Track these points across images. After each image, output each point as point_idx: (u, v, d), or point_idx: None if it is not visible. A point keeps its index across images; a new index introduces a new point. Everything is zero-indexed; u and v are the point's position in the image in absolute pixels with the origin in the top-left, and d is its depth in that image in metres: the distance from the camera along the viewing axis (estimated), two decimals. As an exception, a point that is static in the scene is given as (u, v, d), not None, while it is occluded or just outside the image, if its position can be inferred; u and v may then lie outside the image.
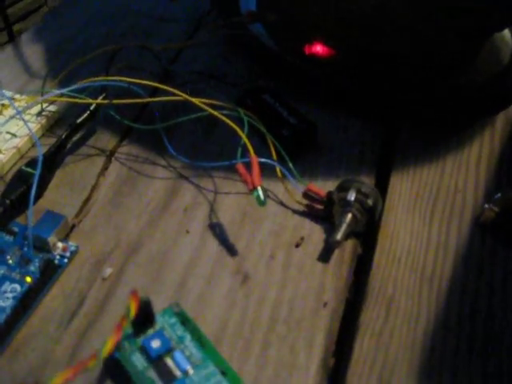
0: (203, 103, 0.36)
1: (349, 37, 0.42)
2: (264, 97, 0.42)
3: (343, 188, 0.34)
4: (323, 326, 0.29)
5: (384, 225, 0.35)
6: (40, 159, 0.33)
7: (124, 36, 0.51)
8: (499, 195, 0.35)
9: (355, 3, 0.38)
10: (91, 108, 0.38)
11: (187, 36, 0.51)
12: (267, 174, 0.36)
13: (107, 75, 0.39)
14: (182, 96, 0.36)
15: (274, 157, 0.36)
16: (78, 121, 0.37)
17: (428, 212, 0.36)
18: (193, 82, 0.44)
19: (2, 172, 0.36)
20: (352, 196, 0.33)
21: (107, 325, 0.29)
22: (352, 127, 0.42)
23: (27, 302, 0.29)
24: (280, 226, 0.34)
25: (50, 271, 0.31)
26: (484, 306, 0.31)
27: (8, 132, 0.38)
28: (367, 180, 0.37)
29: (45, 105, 0.40)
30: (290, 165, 0.36)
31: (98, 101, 0.38)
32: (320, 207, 0.35)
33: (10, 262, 0.31)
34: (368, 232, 0.34)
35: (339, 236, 0.32)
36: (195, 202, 0.36)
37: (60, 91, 0.38)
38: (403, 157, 0.40)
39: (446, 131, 0.42)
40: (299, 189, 0.35)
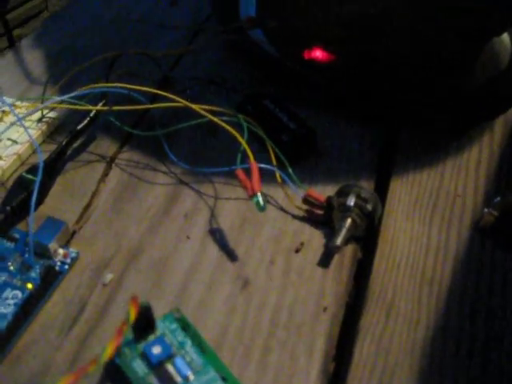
0: (203, 109, 0.36)
1: (349, 41, 0.42)
2: (264, 102, 0.42)
3: (343, 193, 0.34)
4: (323, 331, 0.30)
5: (384, 229, 0.35)
6: (41, 166, 0.33)
7: (124, 42, 0.51)
8: (498, 199, 0.35)
9: (355, 7, 0.39)
10: (91, 114, 0.38)
11: (187, 42, 0.52)
12: (267, 180, 0.36)
13: (107, 82, 0.39)
14: (182, 102, 0.37)
15: (274, 162, 0.36)
16: (79, 127, 0.38)
17: (427, 216, 0.36)
18: (193, 88, 0.44)
19: (3, 178, 0.37)
20: (351, 201, 0.33)
21: (108, 331, 0.29)
22: (351, 132, 0.42)
23: (28, 309, 0.29)
24: (280, 232, 0.35)
25: (51, 278, 0.31)
26: (484, 311, 0.31)
27: (9, 139, 0.38)
28: (367, 185, 0.37)
29: (45, 111, 0.40)
30: (290, 170, 0.36)
31: (98, 107, 0.38)
32: (320, 212, 0.35)
33: (11, 269, 0.31)
34: (368, 237, 0.34)
35: (339, 241, 0.32)
36: (195, 208, 0.36)
37: (60, 98, 0.38)
38: (402, 161, 0.40)
39: (446, 136, 0.42)
40: (299, 194, 0.35)
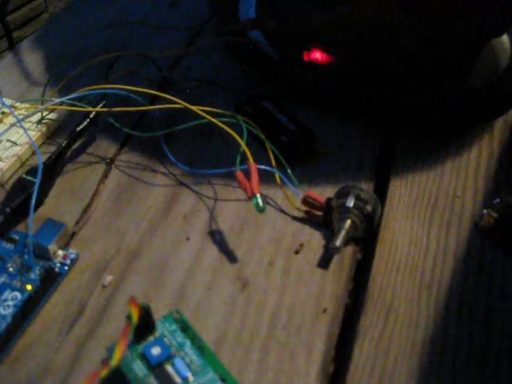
0: (202, 111, 0.36)
1: (347, 43, 0.42)
2: (263, 104, 0.42)
3: (342, 194, 0.34)
4: (323, 332, 0.30)
5: (383, 231, 0.35)
6: (40, 167, 0.33)
7: (124, 44, 0.51)
8: (498, 200, 0.35)
9: (354, 10, 0.39)
10: (91, 116, 0.38)
11: (186, 44, 0.52)
12: (266, 181, 0.36)
13: (107, 83, 0.39)
14: (181, 104, 0.37)
15: (273, 163, 0.36)
16: (78, 129, 0.38)
17: (427, 217, 0.36)
18: (192, 90, 0.44)
19: (3, 180, 0.37)
20: (351, 202, 0.33)
21: (108, 332, 0.29)
22: (351, 133, 0.42)
23: (28, 310, 0.29)
24: (279, 233, 0.35)
25: (51, 279, 0.31)
26: (483, 312, 0.31)
27: (8, 140, 0.38)
28: (366, 186, 0.37)
29: (45, 113, 0.40)
30: (289, 171, 0.36)
31: (98, 109, 0.38)
32: (319, 214, 0.35)
33: (11, 270, 0.31)
34: (367, 238, 0.34)
35: (338, 242, 0.32)
36: (195, 209, 0.36)
37: (60, 99, 0.38)
38: (402, 163, 0.40)
39: (445, 137, 0.42)
40: (298, 195, 0.35)
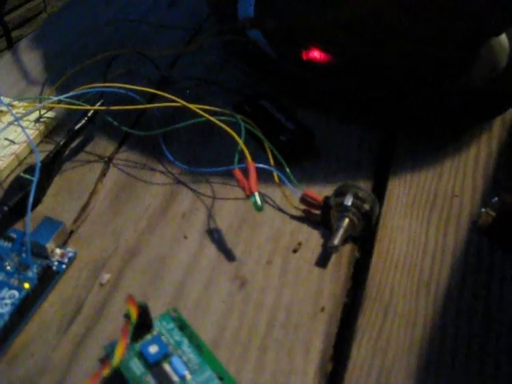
0: (201, 109, 0.36)
1: (346, 43, 0.42)
2: (262, 103, 0.42)
3: (340, 193, 0.34)
4: (321, 331, 0.30)
5: (381, 229, 0.35)
6: (38, 166, 0.33)
7: (122, 43, 0.51)
8: (496, 199, 0.35)
9: (353, 9, 0.39)
10: (89, 114, 0.38)
11: (185, 43, 0.52)
12: (265, 180, 0.36)
13: (105, 82, 0.39)
14: (180, 102, 0.37)
15: (272, 162, 0.36)
16: (76, 127, 0.38)
17: (425, 216, 0.36)
18: (190, 88, 0.44)
19: (1, 178, 0.36)
20: (349, 201, 0.33)
21: (105, 330, 0.29)
22: (349, 132, 0.42)
23: (25, 308, 0.29)
24: (277, 232, 0.35)
25: (48, 277, 0.31)
26: (481, 310, 0.31)
27: (6, 138, 0.38)
28: (365, 185, 0.37)
29: (43, 111, 0.40)
30: (288, 170, 0.36)
31: (96, 107, 0.38)
32: (317, 212, 0.35)
33: (8, 269, 0.31)
34: (365, 236, 0.34)
35: (336, 241, 0.32)
36: (193, 208, 0.36)
37: (58, 98, 0.38)
38: (400, 161, 0.40)
39: (443, 136, 0.42)
40: (296, 194, 0.35)
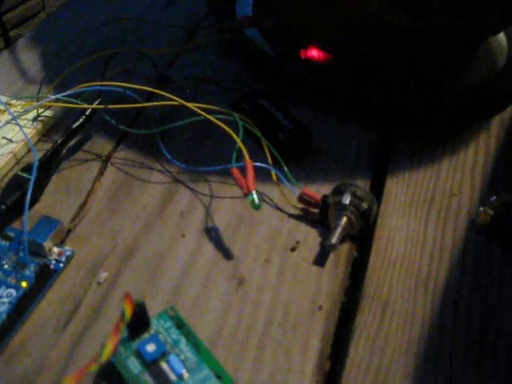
0: (198, 108, 0.36)
1: (345, 41, 0.42)
2: (260, 101, 0.42)
3: (338, 192, 0.34)
4: (318, 330, 0.29)
5: (379, 228, 0.35)
6: (35, 164, 0.33)
7: (121, 42, 0.51)
8: (494, 198, 0.35)
9: (352, 9, 0.39)
10: (87, 113, 0.38)
11: (184, 41, 0.52)
12: (263, 178, 0.36)
13: (103, 80, 0.39)
14: (178, 101, 0.37)
15: (270, 161, 0.36)
16: (74, 126, 0.38)
17: (423, 215, 0.36)
18: (189, 87, 0.44)
19: (-2, 177, 0.36)
20: (347, 199, 0.33)
21: (103, 329, 0.29)
22: (347, 131, 0.42)
23: (23, 307, 0.29)
24: (275, 230, 0.34)
25: (46, 276, 0.31)
26: (479, 309, 0.31)
27: (4, 137, 0.38)
28: (363, 184, 0.37)
29: (40, 110, 0.40)
30: (286, 169, 0.36)
31: (94, 106, 0.38)
32: (315, 211, 0.35)
33: (6, 267, 0.31)
34: (363, 235, 0.34)
35: (334, 239, 0.32)
36: (191, 207, 0.36)
37: (55, 96, 0.38)
38: (398, 160, 0.40)
39: (442, 135, 0.42)
40: (294, 193, 0.35)
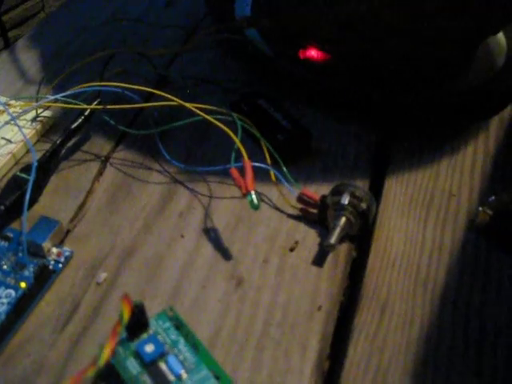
0: (197, 108, 0.36)
1: (343, 41, 0.42)
2: (259, 101, 0.42)
3: (337, 192, 0.34)
4: (317, 330, 0.29)
5: (378, 228, 0.35)
6: (34, 165, 0.33)
7: (120, 42, 0.51)
8: (493, 198, 0.35)
9: (350, 8, 0.39)
10: (86, 113, 0.38)
11: (182, 42, 0.51)
12: (261, 179, 0.36)
13: (102, 81, 0.39)
14: (177, 101, 0.37)
15: (268, 161, 0.36)
16: (73, 126, 0.38)
17: (422, 216, 0.36)
18: (188, 87, 0.44)
19: (-3, 178, 0.36)
20: (346, 200, 0.33)
21: (102, 330, 0.29)
22: (346, 131, 0.42)
23: (22, 308, 0.29)
24: (274, 230, 0.34)
25: (45, 276, 0.31)
26: (478, 310, 0.31)
27: (3, 138, 0.38)
28: (362, 184, 0.37)
29: (39, 110, 0.40)
30: (284, 169, 0.36)
31: (93, 106, 0.38)
32: (314, 211, 0.35)
33: (5, 268, 0.31)
34: (362, 235, 0.34)
35: (333, 240, 0.32)
36: (190, 207, 0.36)
37: (54, 97, 0.38)
38: (397, 161, 0.40)
39: (441, 135, 0.42)
40: (293, 193, 0.35)
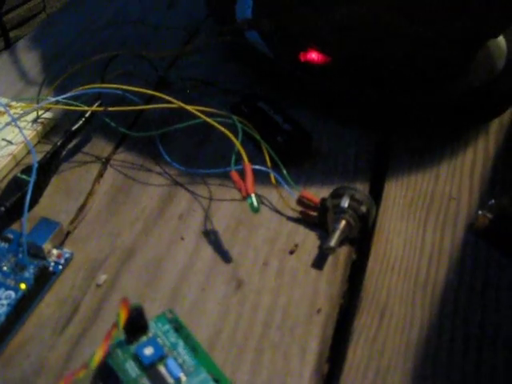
0: (198, 110, 0.36)
1: (344, 43, 0.42)
2: (259, 104, 0.42)
3: (337, 195, 0.34)
4: (317, 333, 0.30)
5: (378, 231, 0.35)
6: (35, 166, 0.33)
7: (121, 44, 0.51)
8: (493, 202, 0.35)
9: (350, 11, 0.39)
10: (87, 115, 0.38)
11: (183, 44, 0.52)
12: (262, 181, 0.36)
13: (103, 82, 0.39)
14: (177, 103, 0.37)
15: (269, 164, 0.36)
16: (74, 128, 0.38)
17: (422, 218, 0.36)
18: (188, 90, 0.44)
19: (-2, 179, 0.37)
20: (345, 203, 0.33)
21: (101, 331, 0.29)
22: (347, 134, 0.42)
23: (21, 309, 0.29)
24: (274, 233, 0.35)
25: (45, 278, 0.31)
26: (477, 313, 0.31)
27: (4, 139, 0.38)
28: (361, 187, 0.37)
29: (40, 112, 0.40)
30: (285, 172, 0.36)
31: (94, 108, 0.38)
32: (314, 214, 0.35)
33: (5, 269, 0.31)
34: (362, 238, 0.34)
35: (333, 243, 0.32)
36: (190, 209, 0.36)
37: (55, 98, 0.38)
38: (397, 163, 0.40)
39: (441, 138, 0.42)
40: (293, 196, 0.35)
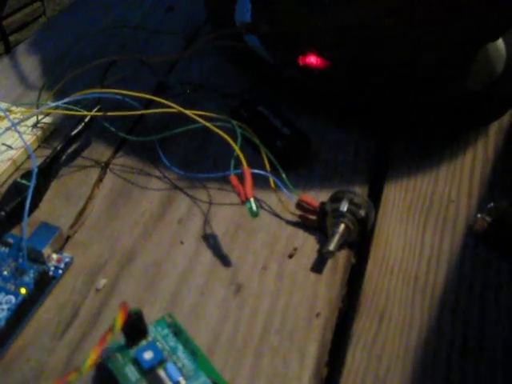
0: (197, 115, 0.37)
1: (342, 47, 0.42)
2: (258, 108, 0.42)
3: (336, 199, 0.34)
4: (316, 337, 0.30)
5: (377, 235, 0.35)
6: (34, 171, 0.33)
7: (120, 48, 0.51)
8: (492, 205, 0.35)
9: (349, 14, 0.39)
10: (86, 120, 0.38)
11: (183, 48, 0.52)
12: (261, 185, 0.36)
13: (102, 87, 0.39)
14: (176, 108, 0.37)
15: (268, 168, 0.36)
16: (73, 133, 0.38)
17: (421, 222, 0.36)
18: (187, 94, 0.44)
19: (-2, 184, 0.37)
20: (344, 207, 0.33)
21: (101, 336, 0.29)
22: (346, 138, 0.42)
23: (22, 314, 0.29)
24: (273, 237, 0.35)
25: (45, 283, 0.31)
26: (477, 317, 0.31)
27: (3, 144, 0.38)
28: (361, 191, 0.38)
29: (40, 117, 0.40)
30: (284, 176, 0.36)
31: (93, 113, 0.38)
32: (313, 218, 0.35)
33: (5, 274, 0.31)
34: (361, 242, 0.34)
35: (332, 246, 0.32)
36: (189, 214, 0.36)
37: (55, 103, 0.38)
38: (396, 167, 0.40)
39: (440, 141, 0.42)
40: (292, 200, 0.35)
